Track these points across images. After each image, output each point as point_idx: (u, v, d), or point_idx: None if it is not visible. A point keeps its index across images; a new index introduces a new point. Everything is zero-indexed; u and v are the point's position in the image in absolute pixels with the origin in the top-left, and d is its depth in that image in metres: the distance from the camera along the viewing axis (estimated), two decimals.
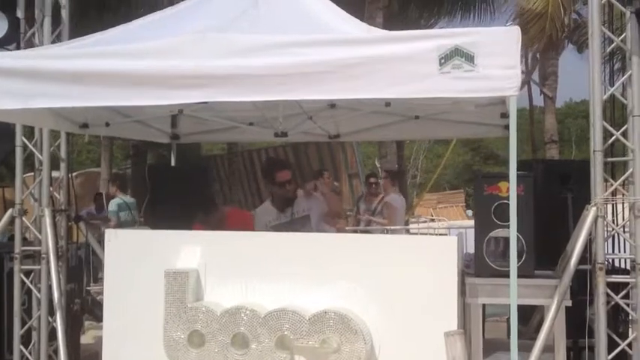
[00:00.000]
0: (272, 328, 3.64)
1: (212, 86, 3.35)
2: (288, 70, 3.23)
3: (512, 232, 3.22)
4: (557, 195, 4.55)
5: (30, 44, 5.06)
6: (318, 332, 3.58)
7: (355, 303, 3.67)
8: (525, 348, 3.76)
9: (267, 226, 5.27)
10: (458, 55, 3.02)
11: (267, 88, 3.27)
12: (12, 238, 5.50)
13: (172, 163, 6.65)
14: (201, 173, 6.87)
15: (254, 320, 3.67)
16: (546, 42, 13.71)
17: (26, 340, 5.16)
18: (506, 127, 5.55)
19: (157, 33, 3.66)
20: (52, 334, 5.01)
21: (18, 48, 4.98)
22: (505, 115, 4.94)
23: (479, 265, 4.01)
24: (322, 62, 3.19)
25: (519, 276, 3.32)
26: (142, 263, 4.02)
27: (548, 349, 3.88)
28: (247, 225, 5.29)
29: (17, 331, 5.06)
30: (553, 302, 3.82)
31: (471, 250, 4.30)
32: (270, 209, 5.34)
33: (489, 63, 3.01)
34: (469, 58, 3.01)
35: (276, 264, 3.82)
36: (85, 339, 6.54)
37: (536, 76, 16.98)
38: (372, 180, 9.95)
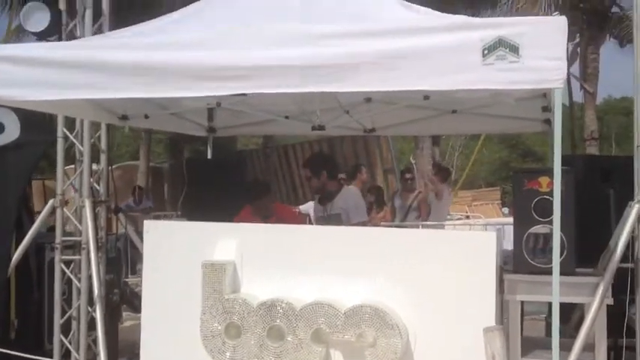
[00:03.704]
0: (308, 322, 3.62)
1: (250, 78, 3.34)
2: (327, 62, 3.21)
3: (556, 229, 3.16)
4: (599, 191, 4.46)
5: (71, 36, 5.13)
6: (354, 326, 3.55)
7: (391, 297, 3.63)
8: (565, 347, 3.68)
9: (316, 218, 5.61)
10: (502, 46, 2.96)
11: (304, 80, 3.25)
12: (52, 228, 5.60)
13: (209, 156, 6.70)
14: (237, 167, 6.91)
15: (290, 313, 3.66)
16: (587, 36, 13.45)
17: (67, 329, 5.25)
18: (547, 121, 5.46)
19: (197, 24, 3.67)
20: (92, 324, 5.09)
21: (59, 40, 5.07)
22: (547, 109, 4.85)
23: (517, 262, 3.94)
24: (361, 54, 3.16)
25: (560, 273, 3.26)
26: (179, 254, 4.04)
27: (589, 347, 3.80)
28: (296, 220, 5.38)
29: (57, 321, 5.16)
30: (594, 300, 3.73)
31: (509, 246, 4.24)
32: (316, 203, 5.62)
33: (534, 54, 2.95)
34: (513, 49, 2.95)
35: (312, 257, 3.81)
36: (123, 329, 6.62)
37: (575, 71, 16.68)
38: (408, 176, 9.86)
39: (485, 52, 2.99)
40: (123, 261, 8.74)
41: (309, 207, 11.63)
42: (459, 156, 32.57)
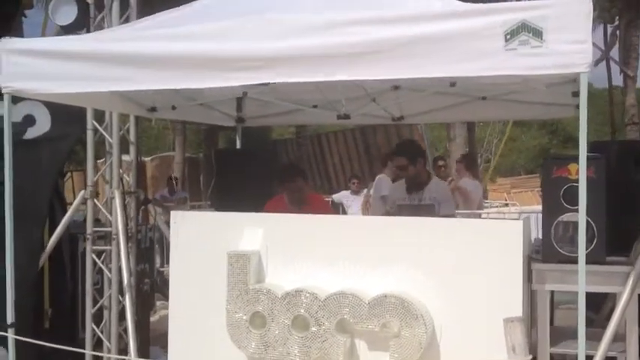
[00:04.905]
0: (332, 312, 3.61)
1: (271, 68, 3.33)
2: (346, 50, 3.17)
3: (582, 216, 3.08)
4: (632, 178, 4.33)
5: (99, 28, 5.18)
6: (378, 316, 3.53)
7: (416, 287, 3.59)
8: (596, 337, 3.61)
9: (394, 204, 5.34)
10: (525, 31, 2.88)
11: (324, 69, 3.22)
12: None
13: (238, 147, 6.72)
14: (268, 156, 6.91)
15: (314, 303, 3.65)
16: (626, 18, 13.09)
17: (99, 319, 5.33)
18: (579, 106, 5.32)
19: (219, 14, 3.66)
20: (123, 313, 5.16)
21: (88, 32, 5.11)
22: (577, 94, 4.72)
23: (546, 251, 3.85)
24: (382, 41, 3.11)
25: (590, 262, 3.18)
26: (205, 244, 4.06)
27: (620, 338, 3.71)
28: (328, 211, 5.26)
29: (89, 310, 5.24)
30: (625, 289, 3.64)
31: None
32: (402, 188, 5.37)
33: (558, 38, 2.85)
34: (537, 33, 2.86)
35: (336, 247, 3.79)
36: (156, 318, 6.71)
37: (615, 54, 16.27)
38: (440, 163, 9.77)
39: (508, 37, 2.91)
40: (158, 250, 8.86)
41: (342, 196, 11.62)
42: (497, 143, 32.08)
